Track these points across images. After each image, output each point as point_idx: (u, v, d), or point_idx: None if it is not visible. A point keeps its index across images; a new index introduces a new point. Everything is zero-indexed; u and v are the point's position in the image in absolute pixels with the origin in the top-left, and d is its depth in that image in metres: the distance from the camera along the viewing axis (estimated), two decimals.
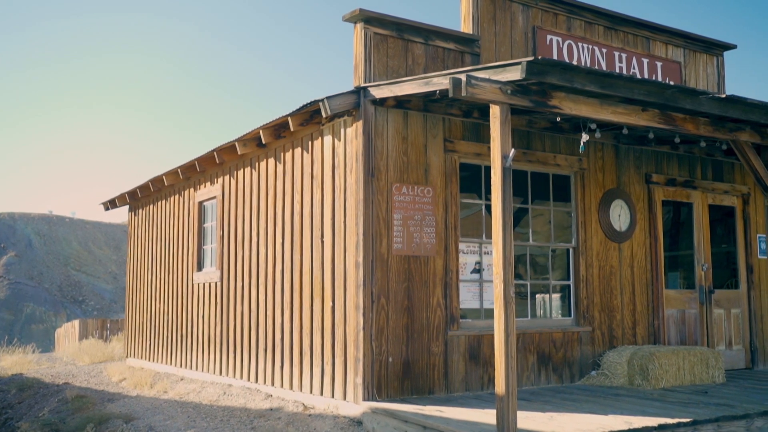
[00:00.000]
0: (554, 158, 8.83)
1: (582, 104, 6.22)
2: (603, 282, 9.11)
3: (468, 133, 8.24)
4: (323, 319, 7.95)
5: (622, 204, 9.41)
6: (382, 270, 7.50)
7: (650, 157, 9.81)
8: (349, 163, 7.71)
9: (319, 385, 7.92)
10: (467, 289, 8.16)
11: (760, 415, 6.66)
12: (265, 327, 9.16)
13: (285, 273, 8.78)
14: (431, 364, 7.69)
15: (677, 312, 9.83)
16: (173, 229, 12.39)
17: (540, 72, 5.64)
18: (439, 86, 6.49)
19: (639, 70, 9.99)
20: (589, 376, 8.78)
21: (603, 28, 9.78)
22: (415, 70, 8.09)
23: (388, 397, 7.35)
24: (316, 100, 7.47)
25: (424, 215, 7.81)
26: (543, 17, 9.24)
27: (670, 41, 10.42)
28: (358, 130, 7.56)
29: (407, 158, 7.80)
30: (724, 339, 10.22)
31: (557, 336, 8.63)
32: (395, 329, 7.51)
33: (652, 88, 6.32)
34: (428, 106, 7.90)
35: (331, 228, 7.94)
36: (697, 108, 6.69)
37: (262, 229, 9.43)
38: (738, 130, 7.32)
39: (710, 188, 10.36)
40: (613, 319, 9.14)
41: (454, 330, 7.85)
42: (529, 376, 8.35)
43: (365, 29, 7.80)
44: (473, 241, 8.27)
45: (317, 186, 8.24)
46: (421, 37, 8.17)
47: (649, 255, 9.60)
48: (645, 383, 8.30)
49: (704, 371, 8.73)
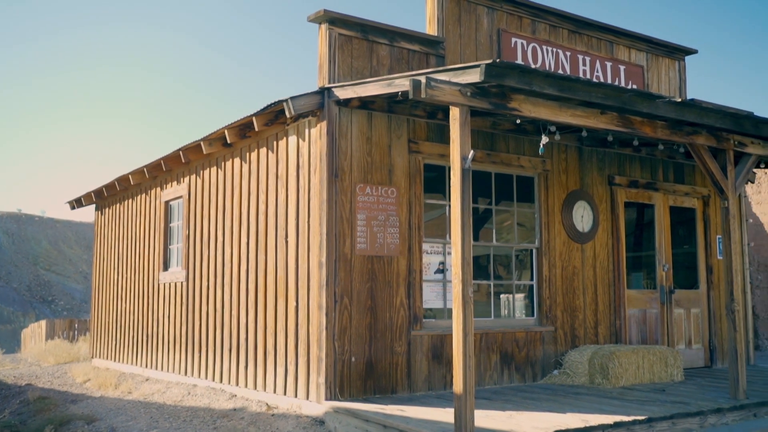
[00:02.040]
0: (518, 159, 8.93)
1: (541, 107, 6.30)
2: (566, 282, 9.23)
3: (432, 134, 8.30)
4: (287, 318, 7.97)
5: (585, 205, 9.54)
6: (346, 270, 7.53)
7: (613, 159, 9.95)
8: (313, 163, 7.73)
9: (282, 385, 7.94)
10: (431, 289, 8.22)
11: (714, 412, 6.81)
12: (230, 327, 9.15)
13: (250, 273, 8.78)
14: (394, 364, 7.74)
15: (639, 312, 9.98)
16: (139, 228, 12.31)
17: (499, 75, 5.71)
18: (401, 88, 6.53)
19: (602, 74, 10.13)
20: (551, 375, 8.89)
21: (567, 32, 9.90)
22: (380, 71, 8.13)
23: (351, 397, 7.39)
24: (280, 101, 7.48)
25: (387, 215, 7.85)
26: (508, 20, 9.34)
27: (633, 45, 10.58)
28: (322, 130, 7.59)
29: (371, 159, 7.84)
30: (684, 338, 10.40)
31: (520, 335, 8.73)
32: (358, 329, 7.55)
33: (609, 91, 6.43)
34: (392, 107, 7.95)
35: (295, 228, 7.96)
36: (654, 111, 6.81)
37: (227, 228, 9.42)
38: (694, 133, 7.46)
39: (671, 190, 10.54)
40: (575, 319, 9.26)
41: (418, 330, 7.90)
42: (492, 376, 8.44)
43: (330, 30, 7.83)
44: (437, 241, 8.33)
45: (282, 186, 8.25)
46: (386, 38, 8.22)
47: (611, 256, 9.74)
48: (605, 382, 8.42)
49: (663, 370, 8.88)
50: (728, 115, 7.41)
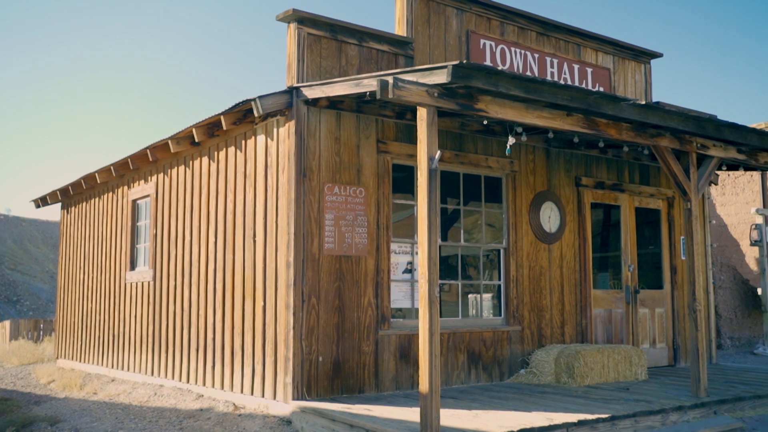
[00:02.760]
0: (486, 160, 8.99)
1: (508, 108, 6.35)
2: (533, 282, 9.31)
3: (401, 134, 8.32)
4: (254, 318, 7.94)
5: (552, 206, 9.63)
6: (314, 270, 7.53)
7: (580, 161, 10.07)
8: (281, 162, 7.71)
9: (249, 385, 7.90)
10: (399, 289, 8.25)
11: (675, 410, 6.92)
12: (197, 327, 9.09)
13: (218, 272, 8.73)
14: (362, 364, 7.75)
15: (604, 311, 10.11)
16: (106, 227, 12.17)
17: (466, 76, 5.75)
18: (369, 88, 6.55)
19: (570, 76, 10.25)
20: (517, 374, 8.97)
21: (535, 34, 10.00)
22: (349, 71, 8.14)
23: (318, 397, 7.38)
24: (248, 100, 7.45)
25: (356, 215, 7.86)
26: (477, 22, 9.40)
27: (600, 48, 10.71)
28: (291, 129, 7.58)
29: (340, 159, 7.85)
30: (648, 337, 10.56)
31: (487, 335, 8.79)
32: (326, 329, 7.55)
33: (575, 93, 6.51)
34: (361, 107, 7.96)
35: (263, 227, 7.93)
36: (619, 114, 6.90)
37: (195, 228, 9.36)
38: (658, 135, 7.58)
39: (637, 191, 10.69)
40: (542, 319, 9.35)
41: (385, 329, 7.92)
42: (459, 375, 8.49)
43: (299, 29, 7.81)
44: (405, 241, 8.36)
45: (250, 185, 8.22)
46: (355, 38, 8.23)
47: (578, 256, 9.86)
48: (571, 381, 8.52)
49: (628, 369, 9.01)
50: (691, 118, 7.54)
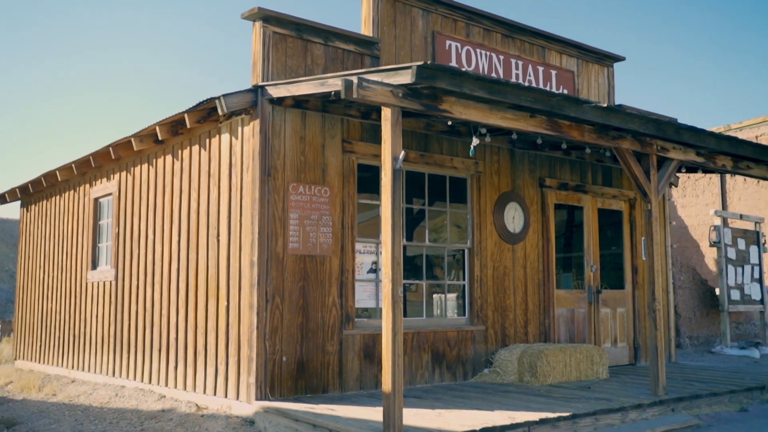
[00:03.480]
0: (451, 161, 9.04)
1: (472, 109, 6.40)
2: (497, 282, 9.39)
3: (366, 134, 8.33)
4: (218, 318, 7.88)
5: (516, 206, 9.72)
6: (278, 269, 7.50)
7: (544, 162, 10.17)
8: (245, 161, 7.67)
9: (212, 385, 7.84)
10: (363, 289, 8.25)
11: (635, 408, 7.04)
12: (159, 327, 8.99)
13: (181, 272, 8.65)
14: (326, 363, 7.74)
15: (567, 311, 10.23)
16: (67, 226, 11.97)
17: (430, 77, 5.77)
18: (334, 87, 6.54)
19: (535, 78, 10.35)
20: (481, 373, 9.04)
21: (501, 36, 10.07)
22: (315, 70, 8.12)
23: (282, 397, 7.36)
24: (212, 98, 7.40)
25: (320, 215, 7.85)
26: (443, 23, 9.44)
27: (564, 51, 10.83)
28: (255, 128, 7.54)
29: (305, 158, 7.83)
30: (610, 337, 10.71)
31: (452, 335, 8.84)
32: (290, 328, 7.52)
33: (538, 95, 6.58)
34: (327, 107, 7.94)
35: (227, 227, 7.88)
36: (582, 116, 7.00)
37: (158, 227, 9.25)
38: (620, 138, 7.70)
39: (600, 193, 10.84)
40: (506, 318, 9.43)
41: (350, 329, 7.92)
42: (423, 374, 8.52)
43: (264, 28, 7.77)
44: (370, 241, 8.37)
45: (214, 184, 8.16)
46: (321, 37, 8.21)
47: (541, 256, 9.96)
48: (534, 380, 8.60)
49: (589, 368, 9.13)
50: (651, 121, 7.67)
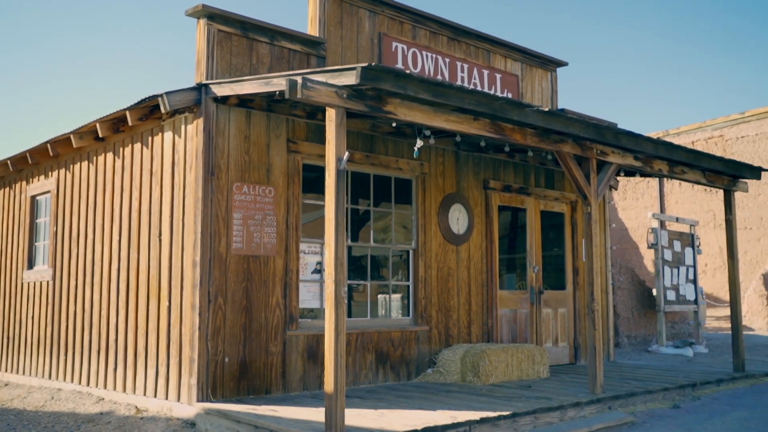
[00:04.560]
0: (397, 162, 9.09)
1: (416, 111, 6.45)
2: (441, 283, 9.47)
3: (312, 134, 8.31)
4: (159, 319, 7.76)
5: (460, 208, 9.83)
6: (221, 269, 7.42)
7: (488, 164, 10.31)
8: (189, 160, 7.57)
9: (153, 387, 7.72)
10: (308, 289, 8.23)
11: (573, 406, 7.19)
12: (99, 328, 8.81)
13: (121, 272, 8.49)
14: (269, 364, 7.69)
15: (510, 311, 10.39)
16: (2, 224, 11.61)
17: (374, 78, 5.80)
18: (279, 87, 6.51)
19: (480, 81, 10.48)
20: (425, 373, 9.10)
21: (447, 39, 10.17)
22: (260, 69, 8.07)
23: (224, 398, 7.29)
24: (155, 95, 7.30)
25: (265, 215, 7.80)
26: (389, 24, 9.49)
27: (509, 55, 11.00)
28: (199, 127, 7.45)
29: (249, 157, 7.77)
30: (551, 336, 10.91)
31: (396, 335, 8.88)
32: (233, 329, 7.46)
33: (481, 98, 6.67)
34: (272, 107, 7.90)
35: (169, 226, 7.77)
36: (524, 120, 7.12)
37: (98, 225, 9.06)
38: (561, 141, 7.85)
39: (543, 195, 11.04)
40: (449, 319, 9.52)
41: (293, 330, 7.89)
42: (367, 375, 8.55)
43: (208, 25, 7.68)
44: (315, 241, 8.35)
45: (156, 183, 8.03)
46: (267, 36, 8.16)
47: (485, 257, 10.09)
48: (476, 379, 8.71)
49: (531, 367, 9.28)
50: (591, 126, 7.85)
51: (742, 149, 21.57)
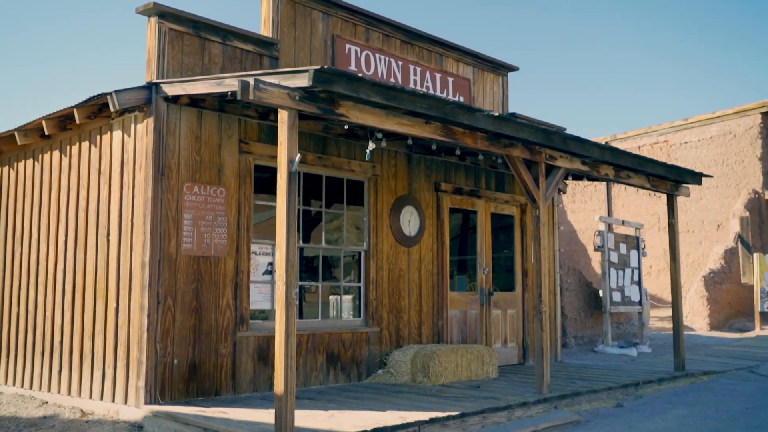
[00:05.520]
0: (349, 164, 9.12)
1: (368, 114, 6.49)
2: (392, 284, 9.54)
3: (264, 135, 8.29)
4: (106, 320, 7.65)
5: (412, 210, 9.91)
6: (170, 270, 7.35)
7: (440, 167, 10.42)
8: (138, 160, 7.48)
9: (99, 390, 7.60)
10: (259, 290, 8.21)
11: (520, 406, 7.33)
12: (43, 329, 8.62)
13: (67, 272, 8.33)
14: (219, 366, 7.65)
15: (460, 312, 10.52)
16: None
17: (327, 81, 5.83)
18: (231, 87, 6.48)
19: (432, 85, 10.58)
20: (375, 374, 9.16)
21: (400, 42, 10.25)
22: (212, 69, 8.01)
23: (172, 400, 7.22)
24: (104, 93, 7.20)
25: (216, 216, 7.75)
26: (342, 26, 9.52)
27: (461, 59, 11.13)
28: (149, 126, 7.37)
29: (200, 158, 7.71)
30: (500, 337, 11.08)
31: (347, 336, 8.91)
32: (182, 330, 7.39)
33: (433, 102, 6.75)
34: (224, 107, 7.86)
35: (118, 226, 7.66)
36: (475, 124, 7.23)
37: (44, 225, 8.87)
38: (511, 146, 7.99)
39: (493, 198, 11.20)
40: (400, 320, 9.60)
41: (244, 331, 7.86)
42: (318, 376, 8.56)
43: (159, 24, 7.60)
44: (267, 242, 8.33)
45: (105, 182, 7.91)
46: (219, 36, 8.11)
47: (436, 259, 10.19)
48: (426, 380, 8.80)
49: (480, 368, 9.41)
50: (540, 131, 8.01)
51: (685, 154, 22.20)
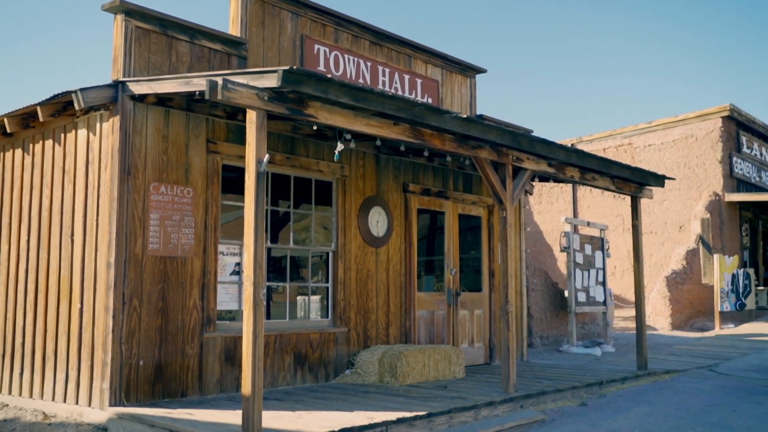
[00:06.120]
0: (317, 164, 9.12)
1: (337, 115, 6.50)
2: (360, 285, 9.55)
3: (232, 135, 8.25)
4: (70, 321, 7.55)
5: (380, 211, 9.94)
6: (136, 271, 7.28)
7: (408, 168, 10.46)
8: (104, 159, 7.40)
9: (62, 392, 7.49)
10: (226, 291, 8.17)
11: (487, 406, 7.39)
12: (4, 331, 8.48)
13: (30, 273, 8.20)
14: (185, 367, 7.59)
15: (427, 313, 10.57)
16: None
17: (296, 81, 5.83)
18: (199, 87, 6.45)
19: (401, 86, 10.62)
20: (343, 375, 9.17)
21: (369, 43, 10.27)
22: (180, 68, 7.95)
23: (138, 402, 7.15)
24: (68, 91, 7.10)
25: (183, 216, 7.69)
26: (312, 27, 9.51)
27: (429, 60, 11.19)
28: (115, 125, 7.29)
29: (167, 157, 7.65)
30: (467, 337, 11.16)
31: (314, 337, 8.91)
32: (148, 332, 7.32)
33: (401, 104, 6.78)
34: (192, 106, 7.80)
35: (82, 226, 7.56)
36: (443, 125, 7.28)
37: (5, 224, 8.72)
38: (479, 147, 8.06)
39: (461, 199, 11.27)
40: (368, 320, 9.62)
41: (211, 332, 7.82)
42: (285, 377, 8.54)
43: (126, 22, 7.52)
44: (234, 242, 8.28)
45: (69, 181, 7.81)
46: (187, 35, 8.05)
47: (404, 260, 10.23)
48: (394, 380, 8.83)
49: (447, 368, 9.47)
50: (508, 133, 8.09)
51: (649, 157, 22.56)
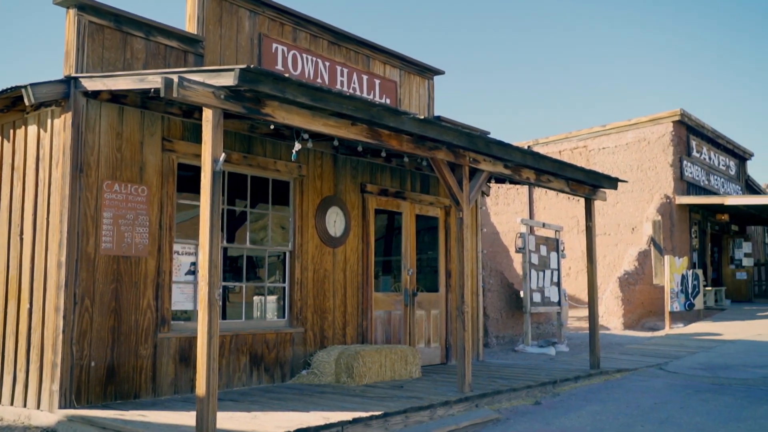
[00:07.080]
0: (275, 164, 9.07)
1: (295, 114, 6.48)
2: (317, 285, 9.53)
3: (188, 133, 8.16)
4: (19, 322, 7.38)
5: (338, 211, 9.93)
6: (88, 270, 7.15)
7: (366, 168, 10.47)
8: (55, 156, 7.25)
9: (9, 394, 7.32)
10: (181, 291, 8.07)
11: (442, 405, 7.44)
12: None
13: None
14: (138, 368, 7.48)
15: (384, 313, 10.60)
16: None
17: (253, 80, 5.79)
18: (154, 84, 6.36)
19: (359, 86, 10.63)
20: (300, 375, 9.13)
21: (327, 43, 10.25)
22: (134, 65, 7.83)
23: (89, 404, 7.03)
24: (18, 86, 6.96)
25: (137, 215, 7.58)
26: (270, 26, 9.46)
27: (388, 61, 11.22)
28: (67, 122, 7.15)
29: (121, 155, 7.53)
30: (424, 337, 11.21)
31: (270, 337, 8.86)
32: (100, 332, 7.20)
33: (359, 104, 6.79)
34: (146, 103, 7.70)
35: (32, 224, 7.40)
36: (400, 126, 7.31)
37: None
38: (436, 148, 8.11)
39: (418, 199, 11.33)
40: (325, 321, 9.60)
41: (165, 332, 7.72)
42: (241, 377, 8.48)
43: (79, 16, 7.38)
44: (190, 242, 8.19)
45: (18, 178, 7.63)
46: (142, 31, 7.93)
47: (361, 260, 10.24)
48: (350, 380, 8.83)
49: (403, 368, 9.51)
50: (464, 134, 8.16)
51: (603, 159, 22.97)
